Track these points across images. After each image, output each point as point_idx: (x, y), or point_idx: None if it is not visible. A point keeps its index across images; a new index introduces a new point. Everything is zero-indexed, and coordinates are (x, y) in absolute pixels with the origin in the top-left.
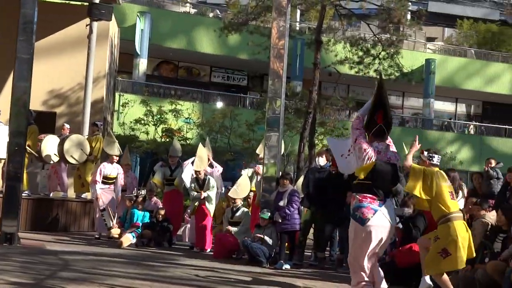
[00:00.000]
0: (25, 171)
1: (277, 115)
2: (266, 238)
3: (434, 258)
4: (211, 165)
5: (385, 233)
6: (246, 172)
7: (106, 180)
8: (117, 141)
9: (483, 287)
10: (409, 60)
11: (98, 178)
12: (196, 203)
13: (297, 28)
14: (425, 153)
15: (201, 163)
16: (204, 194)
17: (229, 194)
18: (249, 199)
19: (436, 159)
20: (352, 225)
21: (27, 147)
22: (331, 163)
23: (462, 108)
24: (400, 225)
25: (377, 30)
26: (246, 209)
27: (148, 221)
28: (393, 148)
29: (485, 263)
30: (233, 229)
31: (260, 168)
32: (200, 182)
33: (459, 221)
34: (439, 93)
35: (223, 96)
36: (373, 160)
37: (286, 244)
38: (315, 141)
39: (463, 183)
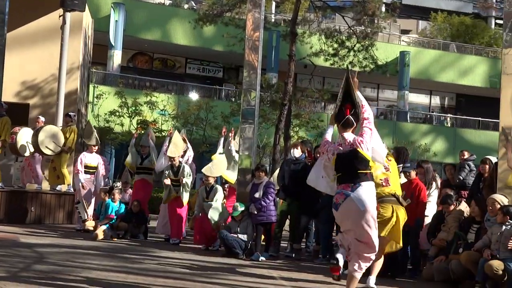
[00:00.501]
0: None
1: (252, 107)
2: (240, 236)
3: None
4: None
5: (355, 216)
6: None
7: (87, 169)
8: (95, 130)
9: (457, 277)
10: (383, 53)
11: (80, 167)
12: (172, 192)
13: (273, 20)
14: None
15: (175, 149)
16: (185, 180)
17: (203, 170)
18: (225, 192)
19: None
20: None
21: None
22: (306, 155)
23: (436, 100)
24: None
25: (352, 22)
26: (220, 187)
27: (124, 213)
28: (353, 135)
29: (459, 253)
30: (207, 204)
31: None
32: (175, 169)
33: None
34: (414, 85)
35: (199, 88)
36: (334, 155)
37: (262, 236)
38: (291, 133)
39: (436, 175)
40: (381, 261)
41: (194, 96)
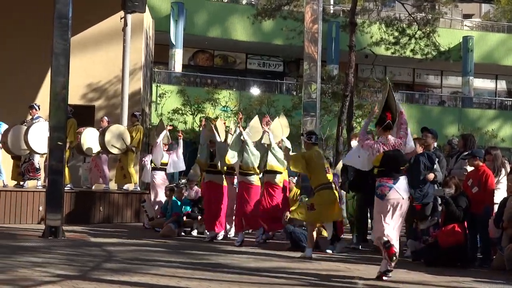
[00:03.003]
0: (66, 165)
1: (314, 100)
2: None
3: (303, 208)
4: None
5: (399, 203)
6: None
7: (161, 166)
8: (167, 128)
9: None
10: (446, 38)
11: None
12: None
13: (331, 11)
14: (305, 135)
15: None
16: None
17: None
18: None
19: (313, 139)
20: (375, 200)
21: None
22: None
23: (502, 85)
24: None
25: (412, 9)
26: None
27: (190, 210)
28: (395, 137)
29: None
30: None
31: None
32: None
33: (327, 190)
34: (478, 71)
35: (259, 83)
36: (381, 152)
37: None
38: (353, 124)
39: (506, 161)
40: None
41: (255, 91)
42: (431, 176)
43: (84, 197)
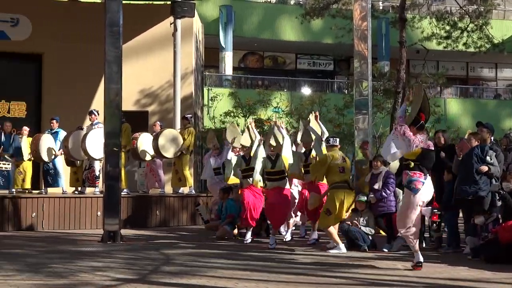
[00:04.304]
0: (123, 170)
1: (365, 97)
2: (363, 228)
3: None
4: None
5: (428, 197)
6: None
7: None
8: (215, 137)
9: None
10: (499, 30)
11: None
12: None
13: (380, 8)
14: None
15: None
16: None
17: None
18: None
19: (331, 141)
20: (407, 193)
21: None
22: None
23: None
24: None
25: (463, 2)
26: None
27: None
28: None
29: None
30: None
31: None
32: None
33: (340, 189)
34: None
35: (310, 83)
36: (419, 147)
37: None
38: None
39: None
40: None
41: (306, 91)
42: (484, 168)
43: (140, 201)
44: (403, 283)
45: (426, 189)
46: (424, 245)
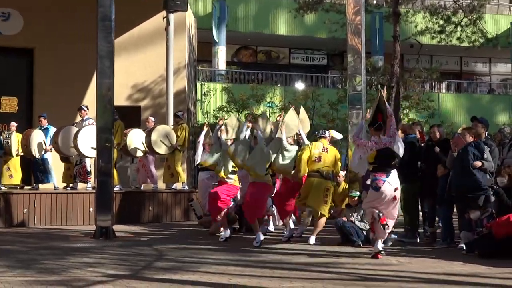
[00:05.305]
0: (115, 166)
1: (359, 92)
2: (357, 223)
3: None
4: None
5: (390, 194)
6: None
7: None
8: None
9: None
10: (493, 25)
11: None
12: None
13: (374, 2)
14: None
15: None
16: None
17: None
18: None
19: (320, 133)
20: (370, 192)
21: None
22: (418, 136)
23: None
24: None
25: None
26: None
27: (235, 205)
28: (386, 136)
29: None
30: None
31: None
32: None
33: (314, 178)
34: None
35: (304, 77)
36: (374, 150)
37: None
38: (400, 116)
39: None
40: (322, 224)
41: (300, 85)
42: (477, 163)
43: (133, 197)
44: (397, 278)
45: (389, 184)
46: (418, 240)
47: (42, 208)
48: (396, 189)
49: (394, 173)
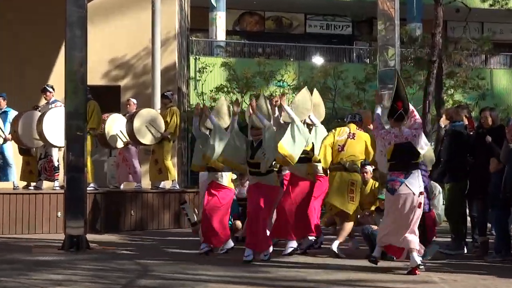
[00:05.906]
0: (89, 160)
1: (392, 68)
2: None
3: None
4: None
5: (409, 200)
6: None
7: None
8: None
9: None
10: None
11: None
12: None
13: None
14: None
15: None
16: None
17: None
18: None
19: (349, 117)
20: (385, 195)
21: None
22: (466, 122)
23: None
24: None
25: None
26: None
27: (238, 211)
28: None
29: None
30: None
31: None
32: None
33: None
34: None
35: (323, 50)
36: (392, 144)
37: None
38: (444, 97)
39: None
40: (349, 227)
41: (318, 60)
42: None
43: (111, 199)
44: None
45: (406, 187)
46: (465, 251)
47: None
48: (420, 194)
49: (416, 174)
